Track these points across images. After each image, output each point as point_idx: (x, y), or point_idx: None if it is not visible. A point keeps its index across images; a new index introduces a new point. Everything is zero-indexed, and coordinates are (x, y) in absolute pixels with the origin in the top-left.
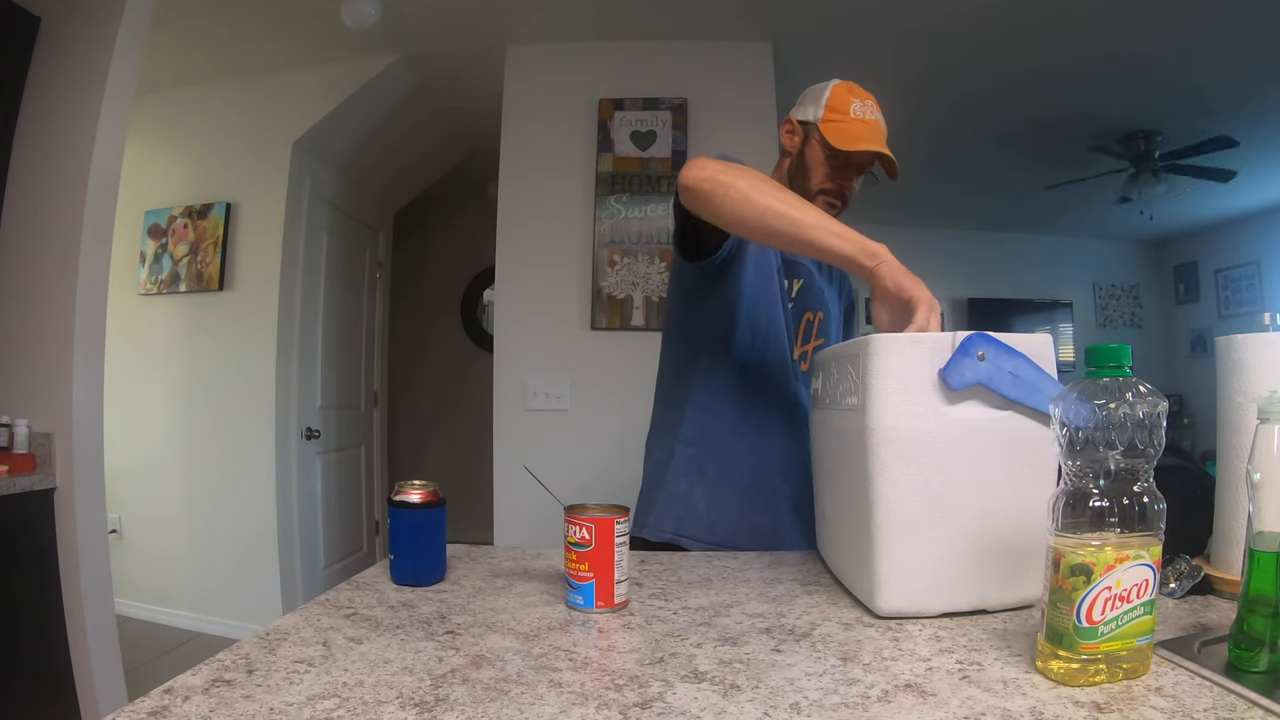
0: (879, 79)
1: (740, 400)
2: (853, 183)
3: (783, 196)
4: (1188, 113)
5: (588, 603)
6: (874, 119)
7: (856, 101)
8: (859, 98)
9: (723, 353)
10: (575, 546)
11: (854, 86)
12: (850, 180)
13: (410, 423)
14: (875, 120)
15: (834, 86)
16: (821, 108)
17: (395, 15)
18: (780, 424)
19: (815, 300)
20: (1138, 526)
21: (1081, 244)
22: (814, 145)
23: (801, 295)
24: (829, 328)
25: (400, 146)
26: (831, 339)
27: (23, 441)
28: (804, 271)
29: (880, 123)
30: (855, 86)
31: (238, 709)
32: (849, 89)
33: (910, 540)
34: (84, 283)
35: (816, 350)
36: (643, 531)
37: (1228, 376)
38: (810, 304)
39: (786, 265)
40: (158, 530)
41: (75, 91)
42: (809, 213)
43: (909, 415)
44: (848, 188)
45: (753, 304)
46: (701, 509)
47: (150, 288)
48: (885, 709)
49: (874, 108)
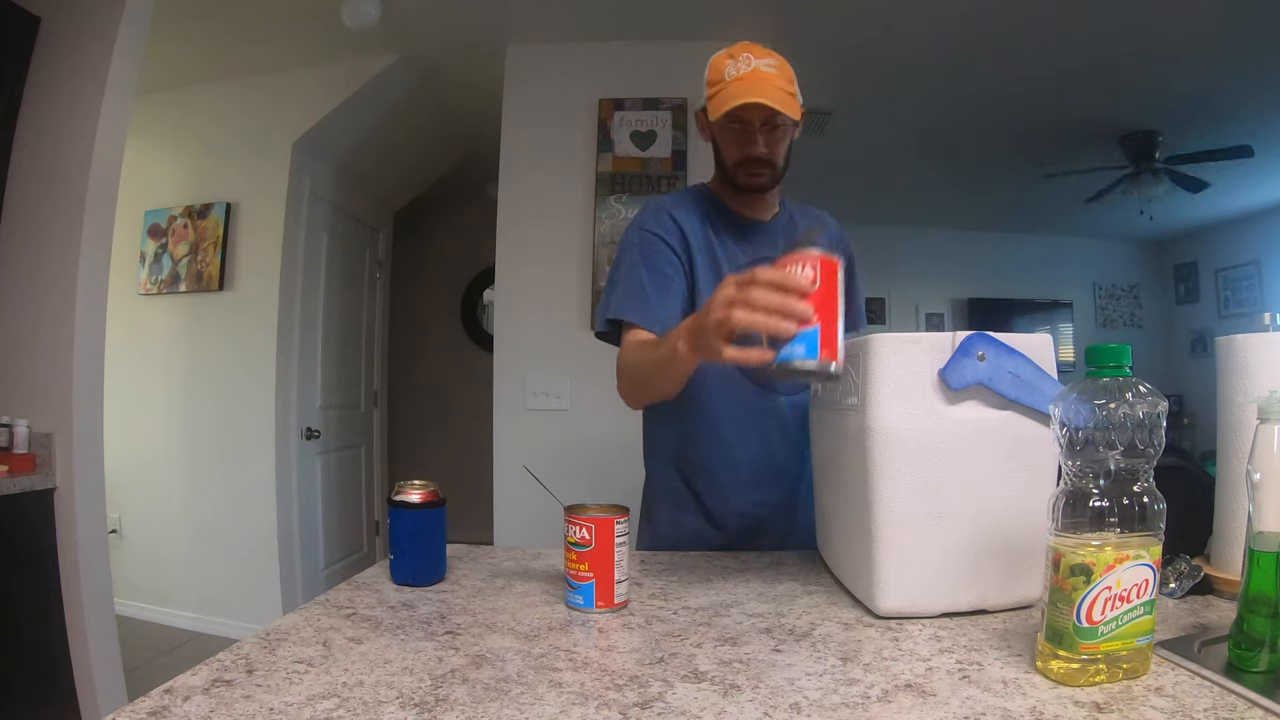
0: (879, 79)
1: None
2: (756, 144)
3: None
4: (1188, 113)
5: (588, 603)
6: (750, 70)
7: (730, 62)
8: (733, 56)
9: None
10: (575, 546)
11: (733, 47)
12: (753, 142)
13: (410, 423)
14: (752, 70)
15: (711, 60)
16: (704, 87)
17: (395, 15)
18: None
19: None
20: (1138, 526)
21: (1081, 244)
22: (714, 126)
23: None
24: None
25: (400, 146)
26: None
27: (23, 441)
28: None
29: (760, 69)
30: (734, 46)
31: (238, 709)
32: (726, 53)
33: (910, 540)
34: (84, 283)
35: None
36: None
37: (1228, 376)
38: None
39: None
40: (158, 530)
41: (75, 91)
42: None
43: (909, 415)
44: (754, 150)
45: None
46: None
47: (150, 288)
48: (885, 709)
49: (751, 56)
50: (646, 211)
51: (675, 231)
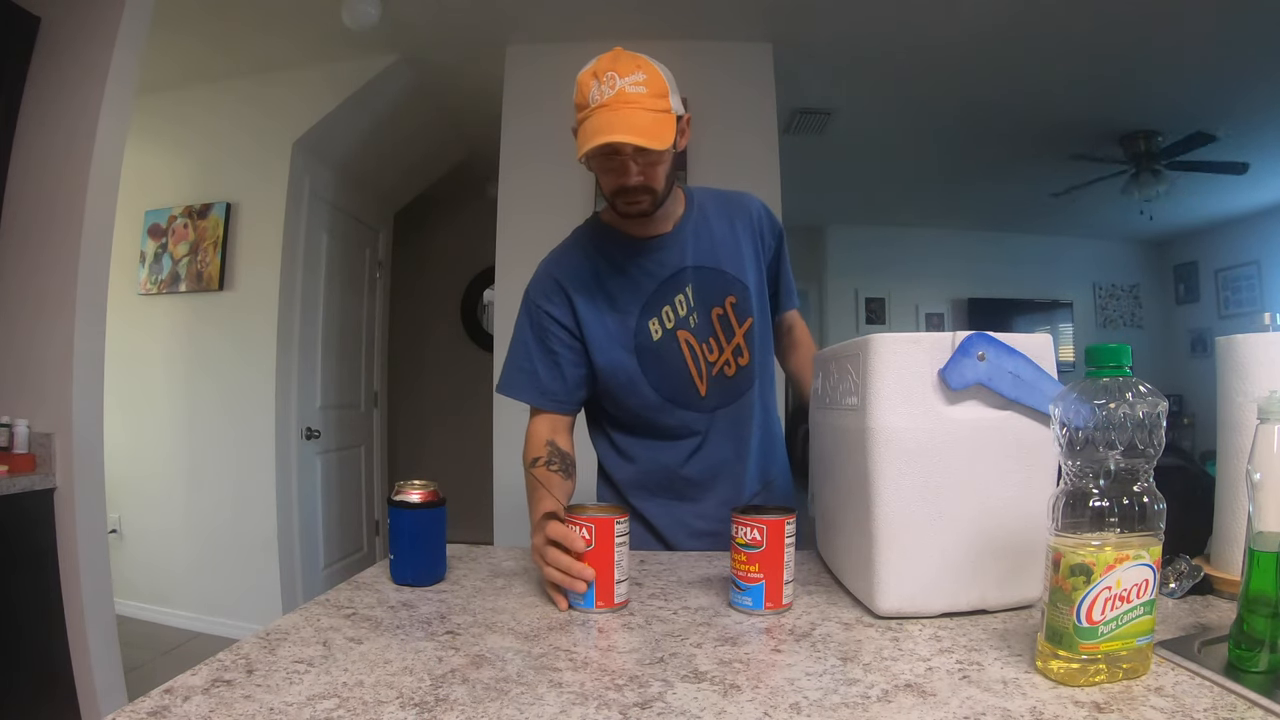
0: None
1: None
2: (629, 175)
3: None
4: (1188, 113)
5: (588, 603)
6: (612, 95)
7: (594, 83)
8: (598, 76)
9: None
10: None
11: (599, 62)
12: (625, 173)
13: (410, 423)
14: (614, 96)
15: (578, 78)
16: (574, 111)
17: (395, 15)
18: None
19: (714, 292)
20: (1138, 526)
21: (1081, 244)
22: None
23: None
24: (749, 302)
25: (400, 146)
26: (755, 312)
27: (23, 441)
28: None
29: (624, 92)
30: (601, 60)
31: (238, 709)
32: (591, 70)
33: (910, 540)
34: (84, 283)
35: (747, 334)
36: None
37: (1228, 376)
38: (713, 297)
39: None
40: (158, 530)
41: (75, 91)
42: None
43: (909, 415)
44: (628, 180)
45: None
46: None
47: (150, 288)
48: (885, 709)
49: (614, 78)
50: (535, 277)
51: (560, 298)
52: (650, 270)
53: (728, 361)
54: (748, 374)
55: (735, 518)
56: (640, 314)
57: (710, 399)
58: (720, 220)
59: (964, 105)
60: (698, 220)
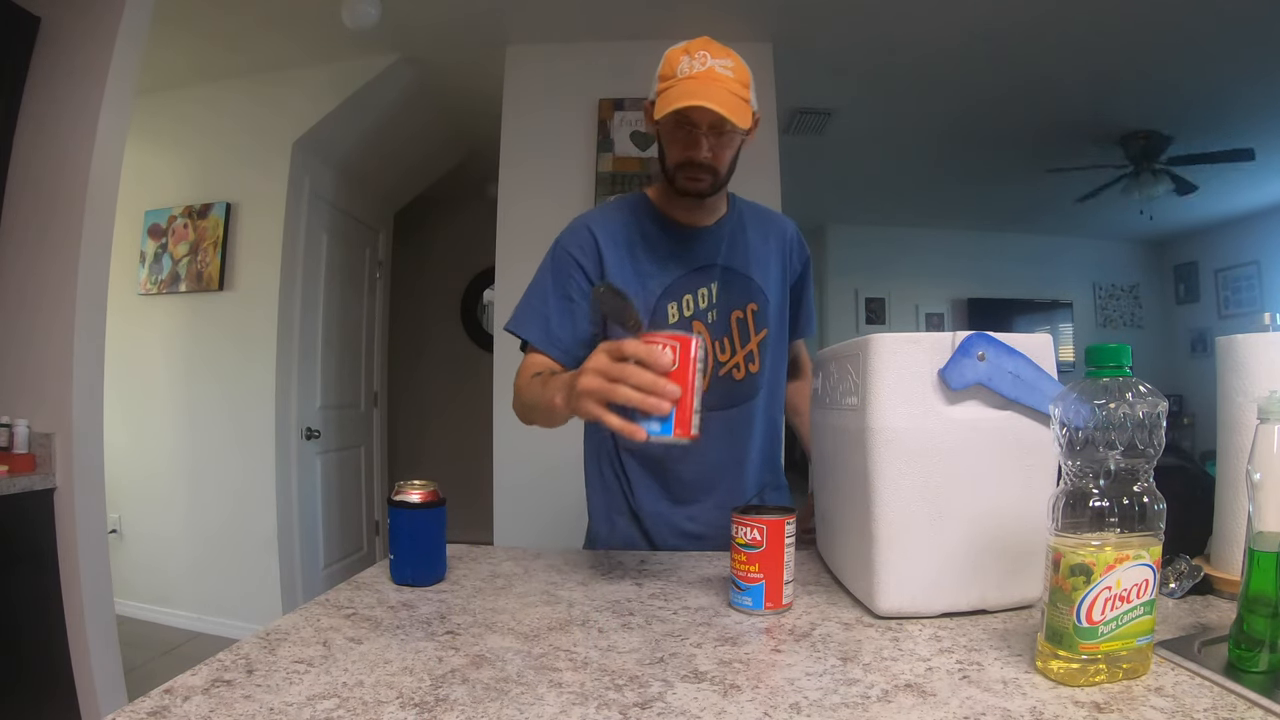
0: (879, 80)
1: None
2: (700, 149)
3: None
4: (1188, 113)
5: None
6: (703, 70)
7: (685, 58)
8: (689, 52)
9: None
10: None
11: (691, 43)
12: (697, 146)
13: (410, 423)
14: (706, 70)
15: (667, 53)
16: (655, 81)
17: (395, 15)
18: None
19: (740, 294)
20: (1138, 526)
21: (1081, 244)
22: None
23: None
24: (767, 314)
25: (400, 146)
26: (773, 325)
27: (23, 441)
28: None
29: (714, 70)
30: (693, 42)
31: (238, 709)
32: (683, 48)
33: (910, 540)
34: (84, 283)
35: (761, 344)
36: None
37: (1228, 376)
38: (735, 300)
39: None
40: (158, 530)
41: (75, 91)
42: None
43: (909, 415)
44: (698, 154)
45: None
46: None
47: (150, 288)
48: (885, 709)
49: (708, 55)
50: (569, 228)
51: (590, 250)
52: (682, 257)
53: (737, 365)
54: (754, 382)
55: (735, 518)
56: (662, 295)
57: (709, 397)
58: (756, 231)
59: (964, 105)
60: (735, 225)
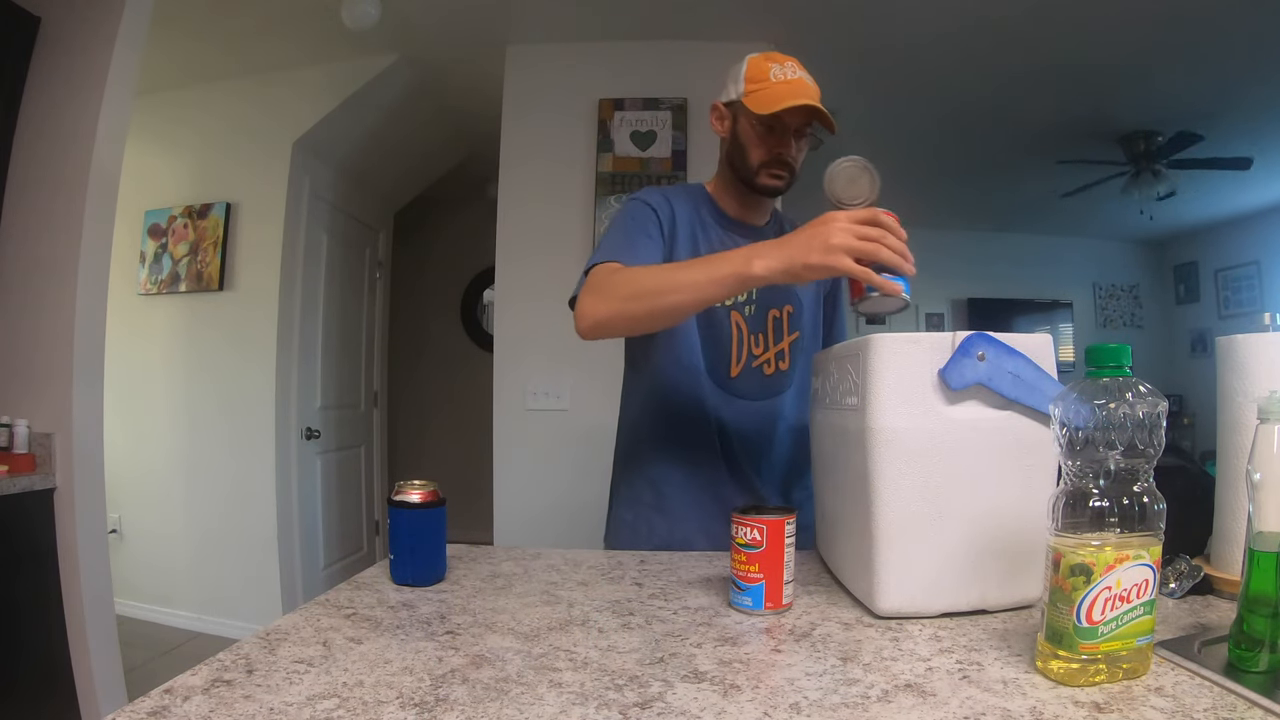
0: (879, 79)
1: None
2: (791, 148)
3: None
4: (1188, 113)
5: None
6: (797, 77)
7: (775, 66)
8: (777, 62)
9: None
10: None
11: (772, 54)
12: (788, 145)
13: (410, 423)
14: (799, 78)
15: (750, 59)
16: (741, 82)
17: (395, 15)
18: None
19: (779, 295)
20: (1138, 526)
21: (1081, 244)
22: (743, 122)
23: (763, 295)
24: (801, 319)
25: (400, 146)
26: (805, 330)
27: (23, 441)
28: None
29: (805, 80)
30: (774, 53)
31: (238, 709)
32: (767, 57)
33: (910, 540)
34: (84, 283)
35: (793, 345)
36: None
37: (1228, 376)
38: (775, 300)
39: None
40: (158, 530)
41: (75, 91)
42: (680, 274)
43: (909, 415)
44: (787, 153)
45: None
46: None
47: (150, 288)
48: (885, 709)
49: (795, 67)
50: (643, 191)
51: (666, 209)
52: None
53: (768, 360)
54: (784, 379)
55: (735, 518)
56: None
57: (738, 383)
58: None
59: (964, 105)
60: (779, 230)
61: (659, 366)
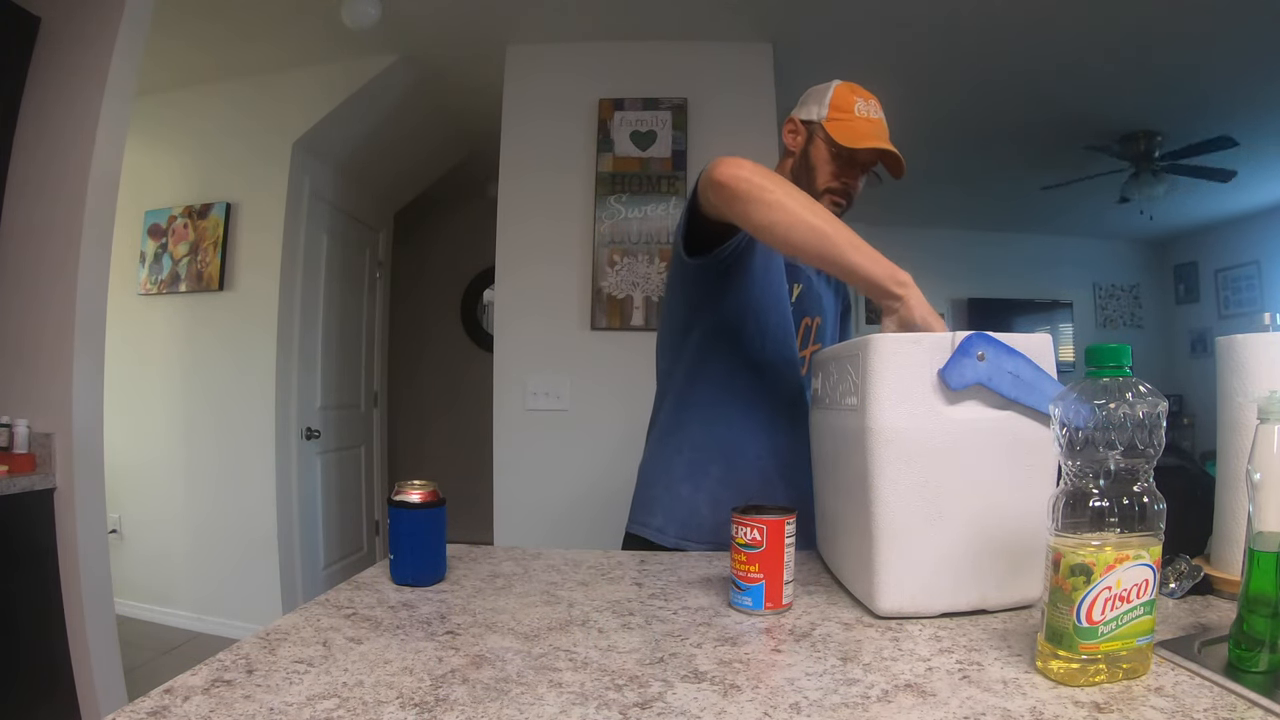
0: (879, 79)
1: (746, 400)
2: (857, 181)
3: (817, 211)
4: (1188, 113)
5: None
6: (878, 118)
7: (860, 100)
8: (862, 97)
9: (728, 352)
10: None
11: (856, 87)
12: (855, 179)
13: (410, 423)
14: (879, 119)
15: (837, 86)
16: (825, 107)
17: (395, 15)
18: (785, 423)
19: (813, 305)
20: (1138, 526)
21: (1081, 244)
22: (819, 144)
23: (801, 300)
24: (824, 332)
25: (400, 146)
26: (826, 344)
27: (23, 441)
28: (803, 277)
29: (883, 122)
30: (857, 87)
31: (238, 709)
32: (851, 89)
33: (910, 540)
34: (84, 283)
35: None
36: (645, 532)
37: (1228, 376)
38: (808, 309)
39: (788, 269)
40: (157, 530)
41: (75, 91)
42: (841, 231)
43: (909, 415)
44: (853, 186)
45: (760, 303)
46: (705, 512)
47: (150, 288)
48: (885, 709)
49: (877, 107)
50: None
51: None
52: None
53: (803, 359)
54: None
55: (735, 518)
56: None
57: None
58: None
59: (964, 105)
60: None
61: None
